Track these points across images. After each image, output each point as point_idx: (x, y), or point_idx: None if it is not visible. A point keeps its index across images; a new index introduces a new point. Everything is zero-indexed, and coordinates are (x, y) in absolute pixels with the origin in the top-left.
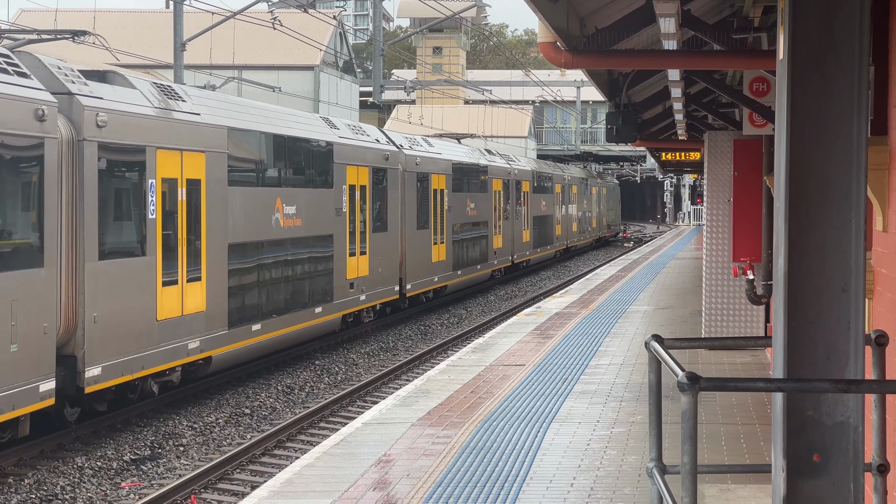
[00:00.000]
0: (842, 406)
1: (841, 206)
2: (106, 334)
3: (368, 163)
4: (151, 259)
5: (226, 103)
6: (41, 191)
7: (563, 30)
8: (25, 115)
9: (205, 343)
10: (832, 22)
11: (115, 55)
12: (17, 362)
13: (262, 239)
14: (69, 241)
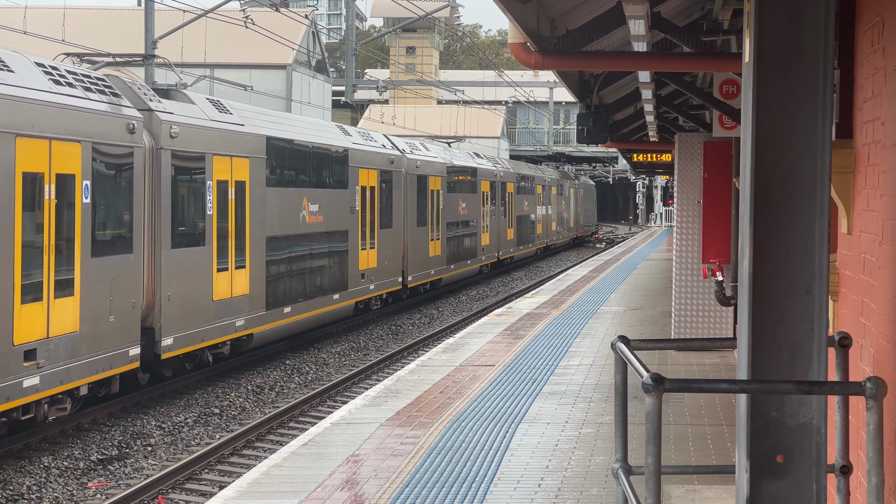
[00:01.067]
0: (805, 407)
1: (805, 209)
2: (176, 311)
3: (377, 166)
4: (209, 248)
5: (263, 115)
6: (131, 190)
7: (534, 31)
8: (120, 129)
9: (248, 321)
10: (797, 26)
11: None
12: (114, 331)
13: (293, 233)
14: (150, 232)
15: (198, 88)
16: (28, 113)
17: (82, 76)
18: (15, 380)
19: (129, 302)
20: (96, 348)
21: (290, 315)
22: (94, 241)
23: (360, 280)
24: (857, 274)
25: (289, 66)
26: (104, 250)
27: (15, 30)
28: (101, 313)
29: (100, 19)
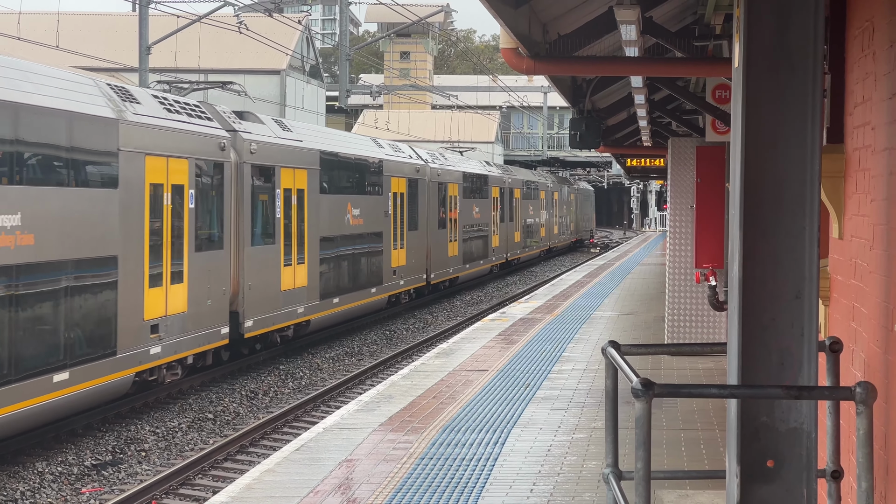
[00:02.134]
0: (795, 412)
1: (795, 214)
2: (254, 298)
3: (405, 175)
4: (278, 246)
5: (315, 132)
6: (222, 197)
7: (525, 36)
8: (215, 147)
9: (306, 309)
10: (786, 31)
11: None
12: (210, 312)
13: (339, 234)
14: (235, 232)
15: (192, 94)
16: (152, 136)
17: (185, 104)
18: (145, 348)
19: (221, 289)
20: (199, 326)
21: (338, 305)
22: (196, 239)
23: (393, 276)
24: (848, 279)
25: (283, 72)
26: (203, 247)
27: (9, 36)
28: (202, 298)
29: (94, 25)
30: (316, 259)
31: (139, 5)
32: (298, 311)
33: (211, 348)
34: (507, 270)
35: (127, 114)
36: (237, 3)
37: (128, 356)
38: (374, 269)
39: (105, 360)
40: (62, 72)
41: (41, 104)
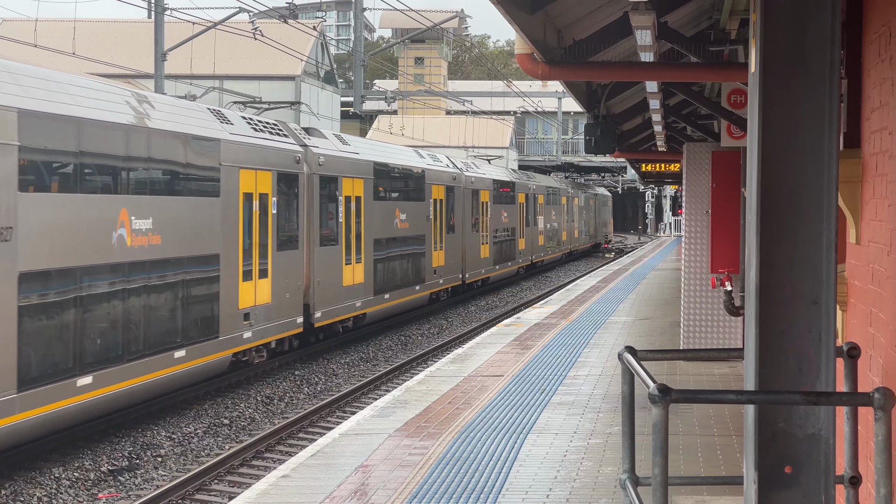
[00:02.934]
0: (813, 418)
1: (812, 219)
2: (322, 292)
3: (444, 182)
4: (340, 247)
5: (369, 145)
6: (298, 204)
7: (541, 41)
8: (291, 160)
9: (363, 303)
10: (803, 36)
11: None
12: (289, 304)
13: (389, 237)
14: (307, 234)
15: (206, 100)
16: (244, 152)
17: (266, 123)
18: (240, 332)
19: (297, 284)
20: (280, 316)
21: (389, 300)
22: (278, 240)
23: (433, 275)
24: (866, 284)
25: (298, 78)
26: (283, 247)
27: (26, 43)
28: (283, 291)
29: (110, 32)
30: (371, 259)
31: (155, 12)
32: (356, 304)
33: (289, 335)
34: (532, 272)
35: (225, 133)
36: (252, 10)
37: (227, 339)
38: (418, 269)
39: (211, 342)
40: (179, 100)
41: (167, 129)
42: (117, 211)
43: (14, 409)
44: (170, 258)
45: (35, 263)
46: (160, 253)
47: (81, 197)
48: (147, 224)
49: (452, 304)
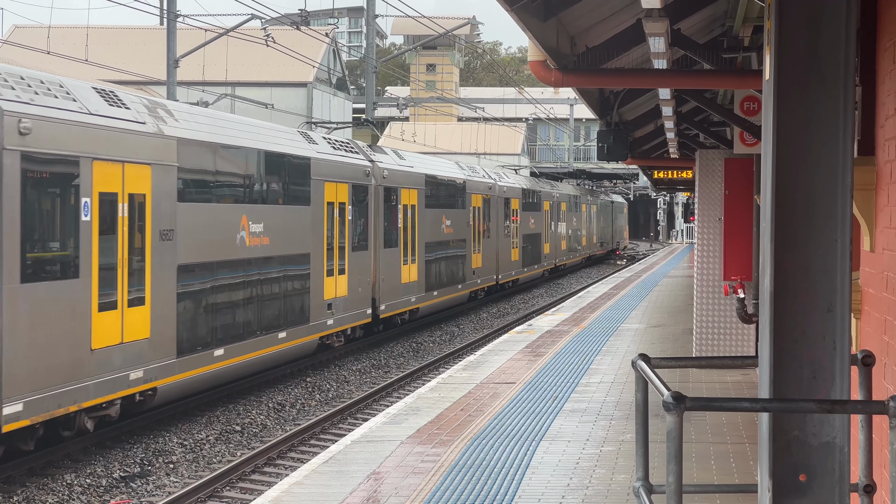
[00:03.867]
0: (828, 426)
1: (826, 226)
2: (385, 288)
3: (481, 192)
4: (399, 249)
5: (420, 158)
6: (367, 211)
7: (554, 48)
8: (362, 174)
9: (417, 299)
10: (818, 43)
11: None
12: (360, 297)
13: (437, 240)
14: (374, 237)
15: (219, 106)
16: (328, 168)
17: (342, 142)
18: (324, 320)
19: (367, 280)
20: (354, 307)
21: (437, 297)
22: (352, 242)
23: (473, 275)
24: (880, 292)
25: (309, 84)
26: (357, 248)
27: (39, 50)
28: (356, 286)
29: (122, 39)
30: (423, 260)
31: (167, 19)
32: (412, 300)
33: (360, 324)
34: (555, 275)
35: (313, 152)
36: (264, 17)
37: (316, 325)
38: (460, 270)
39: (303, 327)
40: (278, 126)
41: (274, 150)
42: (239, 217)
43: (174, 371)
44: (275, 256)
45: (188, 258)
46: (269, 252)
47: (216, 206)
48: (260, 228)
49: (464, 311)
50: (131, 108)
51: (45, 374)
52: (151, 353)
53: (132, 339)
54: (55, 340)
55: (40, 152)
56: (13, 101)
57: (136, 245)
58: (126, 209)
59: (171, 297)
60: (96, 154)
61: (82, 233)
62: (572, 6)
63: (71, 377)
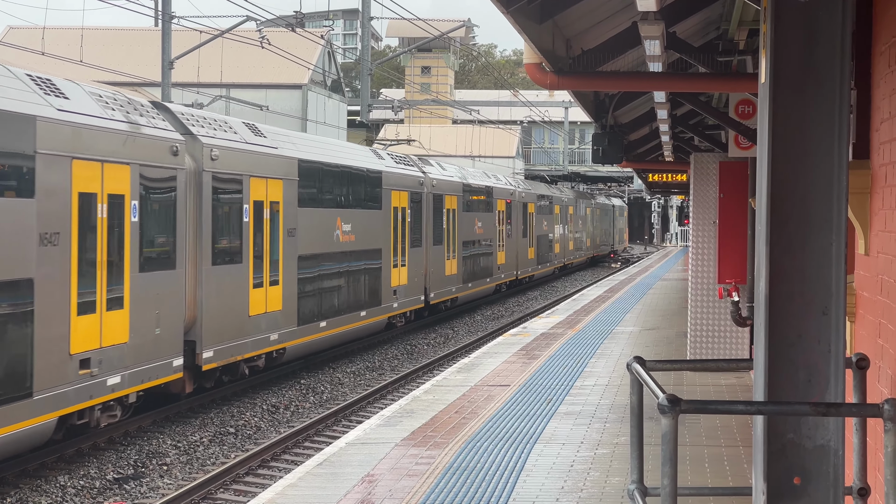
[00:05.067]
0: (822, 429)
1: (822, 230)
2: (434, 279)
3: (504, 198)
4: (444, 247)
5: (458, 170)
6: (420, 214)
7: (549, 51)
8: (417, 183)
9: (457, 289)
10: (813, 47)
11: (103, 73)
12: (416, 286)
13: (472, 239)
14: (427, 237)
15: (214, 108)
16: (394, 178)
17: (402, 156)
18: (391, 303)
19: (421, 272)
20: (412, 294)
21: (471, 288)
22: (411, 241)
23: (497, 271)
24: (875, 295)
25: (304, 86)
26: (413, 245)
27: (33, 51)
28: (413, 276)
29: (117, 40)
30: (461, 256)
31: (162, 20)
32: (453, 290)
33: (415, 308)
34: (564, 272)
35: (383, 166)
36: (259, 18)
37: (385, 307)
38: (489, 265)
39: (377, 308)
40: (357, 145)
41: (355, 165)
42: (335, 219)
43: (297, 336)
44: (358, 250)
45: (304, 250)
46: (354, 247)
47: (321, 210)
48: (349, 227)
49: (456, 314)
50: (268, 137)
51: (223, 333)
52: (283, 322)
53: (272, 310)
54: (228, 308)
55: (221, 172)
56: (207, 137)
57: (274, 240)
58: (268, 213)
59: (294, 280)
60: (251, 172)
61: (244, 230)
62: (568, 9)
63: (237, 336)
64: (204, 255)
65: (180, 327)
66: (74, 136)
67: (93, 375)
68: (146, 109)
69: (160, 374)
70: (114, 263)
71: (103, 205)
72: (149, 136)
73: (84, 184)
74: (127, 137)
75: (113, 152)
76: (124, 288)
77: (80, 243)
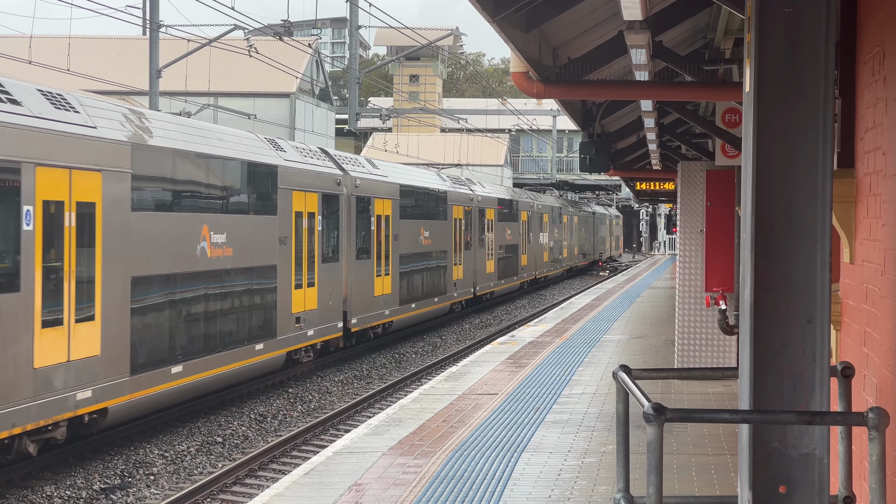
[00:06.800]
0: (807, 438)
1: (806, 239)
2: (480, 275)
3: (526, 209)
4: (485, 249)
5: (494, 187)
6: (471, 224)
7: (536, 60)
8: (468, 200)
9: (493, 284)
10: (797, 55)
11: (90, 82)
12: (468, 281)
13: (503, 244)
14: (475, 241)
15: (201, 117)
16: (455, 197)
17: (462, 179)
18: (451, 293)
19: (472, 270)
20: (465, 287)
21: (503, 284)
22: (464, 244)
23: (521, 271)
24: (860, 303)
25: (292, 95)
26: (466, 248)
27: (20, 59)
28: (466, 273)
29: (104, 49)
30: (496, 257)
31: (150, 29)
32: (490, 284)
33: (468, 298)
34: (571, 274)
35: (447, 186)
36: (247, 27)
37: (448, 296)
38: (515, 266)
39: (444, 295)
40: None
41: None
42: (419, 227)
43: (399, 313)
44: (432, 251)
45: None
46: (430, 248)
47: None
48: (427, 234)
49: (447, 321)
50: (380, 169)
51: (361, 306)
52: (393, 302)
53: (386, 293)
54: (364, 290)
55: (360, 195)
56: (352, 171)
57: (388, 243)
58: (384, 223)
59: (398, 272)
60: (375, 194)
61: (371, 236)
62: (554, 18)
63: (368, 309)
64: (351, 252)
65: (340, 301)
66: (293, 176)
67: (301, 328)
68: (320, 154)
69: (331, 332)
70: (312, 257)
71: (305, 218)
72: (327, 173)
73: (299, 206)
74: (317, 174)
75: (310, 184)
76: (315, 273)
77: (296, 244)
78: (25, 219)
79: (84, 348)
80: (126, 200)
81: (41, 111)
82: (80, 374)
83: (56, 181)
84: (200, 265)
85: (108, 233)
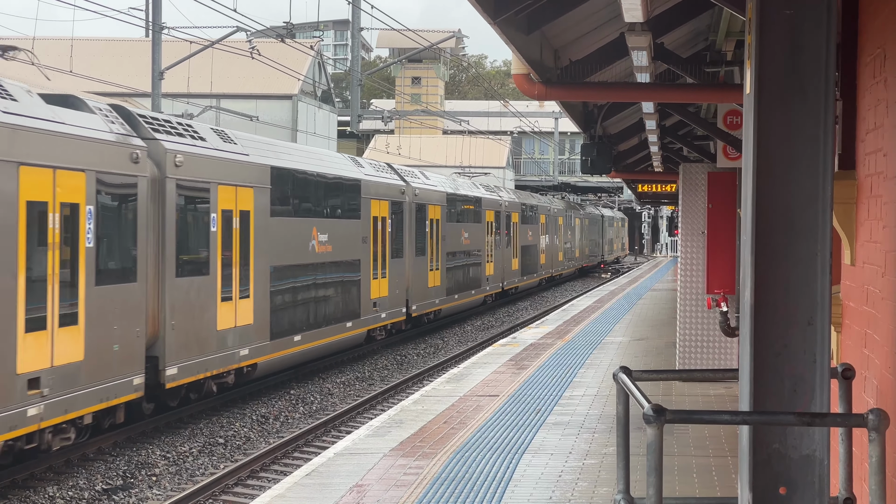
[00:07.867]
0: (808, 439)
1: (806, 241)
2: (508, 272)
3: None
4: (511, 248)
5: (517, 192)
6: (510, 227)
7: (537, 62)
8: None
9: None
10: (798, 57)
11: (93, 84)
12: (498, 277)
13: (525, 244)
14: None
15: (204, 119)
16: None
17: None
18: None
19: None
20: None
21: (525, 280)
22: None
23: (540, 268)
24: (860, 305)
25: (294, 97)
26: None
27: (23, 61)
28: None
29: (107, 51)
30: (519, 256)
31: (152, 31)
32: (515, 280)
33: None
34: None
35: (481, 194)
36: (249, 29)
37: (481, 289)
38: (535, 264)
39: (479, 289)
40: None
41: (471, 194)
42: (461, 229)
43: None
44: (470, 250)
45: (450, 248)
46: (469, 248)
47: (456, 223)
48: (467, 234)
49: (448, 324)
50: (430, 179)
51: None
52: (442, 293)
53: (436, 285)
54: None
55: (417, 203)
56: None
57: (438, 243)
58: (435, 225)
59: (445, 268)
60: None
61: (426, 238)
62: (556, 20)
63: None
64: (412, 250)
65: (404, 290)
66: (371, 187)
67: (377, 312)
68: (387, 168)
69: (398, 316)
70: (384, 253)
71: (380, 222)
72: (394, 184)
73: (375, 211)
74: (388, 185)
75: (383, 194)
76: (386, 267)
77: (373, 243)
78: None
79: (245, 318)
80: (267, 208)
81: (217, 145)
82: (242, 337)
83: (229, 195)
84: (311, 258)
85: (258, 233)
